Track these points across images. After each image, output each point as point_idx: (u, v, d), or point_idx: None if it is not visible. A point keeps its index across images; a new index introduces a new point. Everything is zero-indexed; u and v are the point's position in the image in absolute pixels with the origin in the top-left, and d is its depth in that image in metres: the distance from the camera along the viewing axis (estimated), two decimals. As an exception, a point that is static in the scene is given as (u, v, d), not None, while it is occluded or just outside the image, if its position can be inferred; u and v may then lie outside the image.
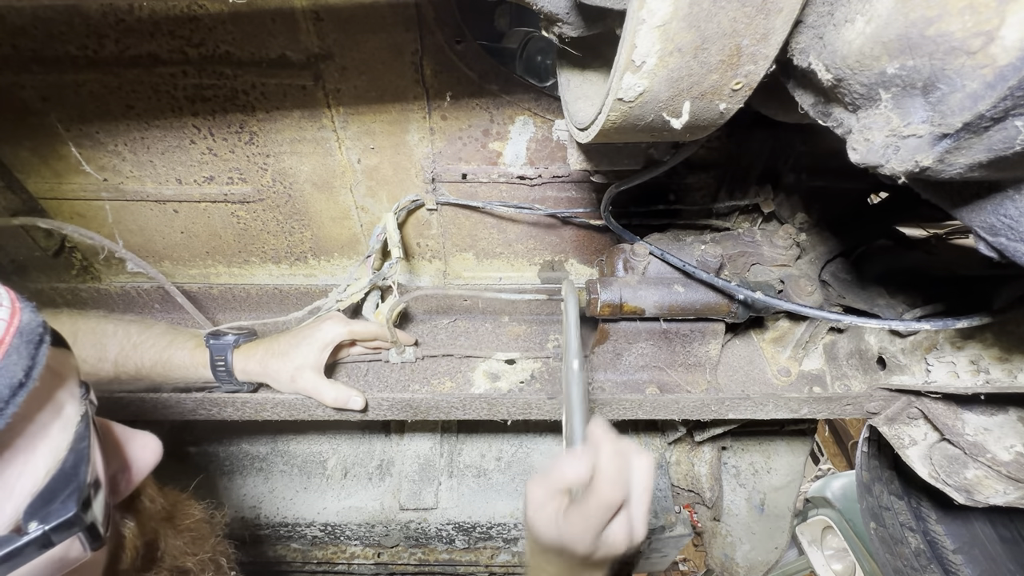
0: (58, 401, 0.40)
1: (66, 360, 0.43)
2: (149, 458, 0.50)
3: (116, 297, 1.09)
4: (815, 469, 3.77)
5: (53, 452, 0.39)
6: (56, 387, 0.40)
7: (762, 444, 1.55)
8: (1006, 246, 0.41)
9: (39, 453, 0.38)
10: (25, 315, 0.37)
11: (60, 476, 0.38)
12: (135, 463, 0.49)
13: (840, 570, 2.48)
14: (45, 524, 0.36)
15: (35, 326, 0.37)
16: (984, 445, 0.78)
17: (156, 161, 0.89)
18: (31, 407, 0.37)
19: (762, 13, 0.37)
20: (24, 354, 0.36)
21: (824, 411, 0.95)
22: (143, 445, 0.50)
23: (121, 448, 0.49)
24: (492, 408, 0.96)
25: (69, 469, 0.39)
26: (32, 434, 0.38)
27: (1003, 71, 0.30)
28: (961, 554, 1.07)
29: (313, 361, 0.86)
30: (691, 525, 1.39)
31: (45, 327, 0.38)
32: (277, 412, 0.93)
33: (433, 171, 0.92)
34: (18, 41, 0.75)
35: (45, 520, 0.36)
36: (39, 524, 0.36)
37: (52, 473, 0.38)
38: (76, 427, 0.41)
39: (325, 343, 0.87)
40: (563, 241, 1.05)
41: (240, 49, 0.76)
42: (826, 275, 0.94)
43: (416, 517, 1.29)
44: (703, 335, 0.92)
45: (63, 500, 0.37)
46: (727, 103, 0.45)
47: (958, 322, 0.64)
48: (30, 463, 0.37)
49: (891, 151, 0.38)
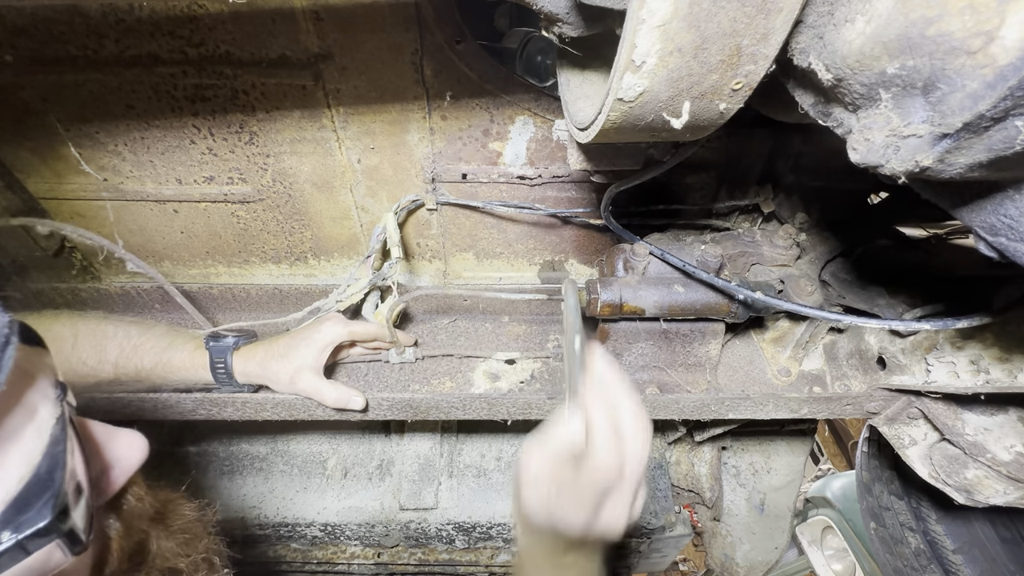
0: (30, 404, 0.38)
1: (39, 359, 0.41)
2: (134, 456, 0.49)
3: (116, 297, 1.09)
4: (815, 469, 3.77)
5: (26, 458, 0.37)
6: (26, 388, 0.38)
7: (762, 444, 1.55)
8: (1006, 246, 0.41)
9: (11, 460, 0.36)
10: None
11: (34, 482, 0.37)
12: (119, 463, 0.48)
13: (840, 570, 2.48)
14: (18, 534, 0.35)
15: (1, 325, 0.35)
16: (984, 445, 0.78)
17: (156, 161, 0.89)
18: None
19: (762, 13, 0.37)
20: None
21: (824, 411, 0.95)
22: (128, 444, 0.49)
23: (102, 449, 0.48)
24: (492, 408, 0.96)
25: (44, 475, 0.37)
26: (2, 440, 0.36)
27: (1003, 71, 0.30)
28: (961, 554, 1.07)
29: (312, 362, 0.86)
30: (691, 525, 1.39)
31: (12, 326, 0.36)
32: (277, 412, 0.93)
33: (433, 171, 0.92)
34: (18, 41, 0.75)
35: (18, 529, 0.35)
36: (12, 534, 0.35)
37: (25, 480, 0.36)
38: (51, 431, 0.39)
39: (324, 344, 0.87)
40: (563, 241, 1.05)
41: (240, 49, 0.76)
42: (826, 275, 0.94)
43: (416, 517, 1.29)
44: (703, 335, 0.92)
45: (38, 508, 0.36)
46: (727, 103, 0.45)
47: (958, 322, 0.64)
48: (1, 471, 0.36)
49: (891, 151, 0.38)
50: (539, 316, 1.12)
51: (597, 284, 0.85)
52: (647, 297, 0.84)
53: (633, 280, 0.86)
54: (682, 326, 0.91)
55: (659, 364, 0.94)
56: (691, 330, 0.92)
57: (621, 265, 0.89)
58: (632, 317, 0.87)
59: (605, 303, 0.84)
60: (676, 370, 0.94)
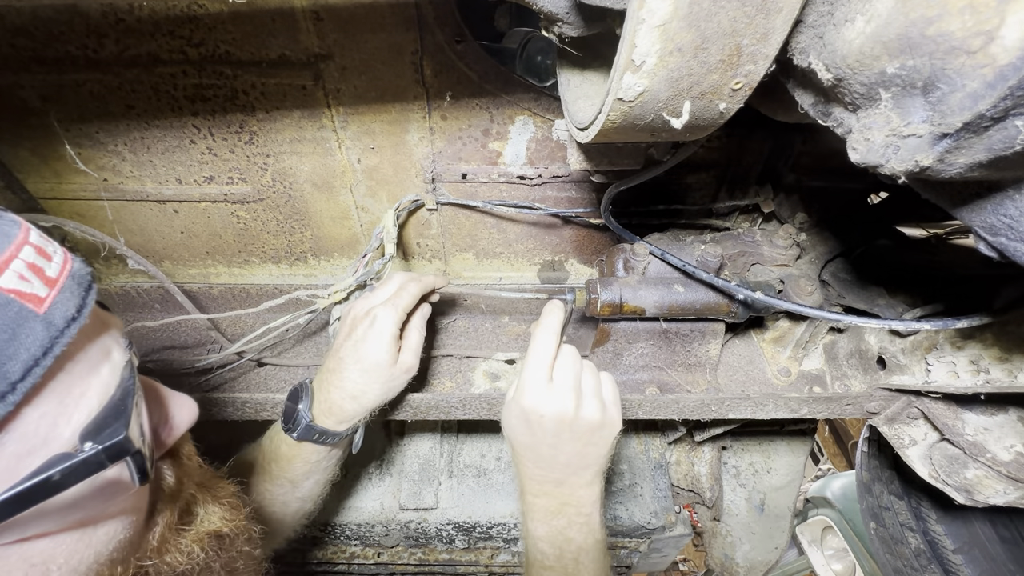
0: (105, 345, 0.45)
1: (111, 318, 0.48)
2: (187, 416, 0.54)
3: (116, 297, 1.09)
4: (815, 469, 3.77)
5: (104, 386, 0.43)
6: (103, 332, 0.45)
7: (762, 444, 1.56)
8: (1006, 246, 0.41)
9: (91, 385, 0.42)
10: (76, 263, 0.42)
11: (110, 407, 0.42)
12: (173, 419, 0.53)
13: (840, 570, 2.48)
14: (99, 444, 0.40)
15: (84, 273, 0.43)
16: (984, 445, 0.78)
17: (156, 161, 0.89)
18: (82, 341, 0.42)
19: (762, 13, 0.37)
20: (76, 293, 0.41)
21: (824, 411, 0.95)
22: (181, 404, 0.54)
23: (164, 402, 0.53)
24: (492, 408, 0.96)
25: (118, 402, 0.43)
26: (85, 365, 0.42)
27: (1003, 71, 0.30)
28: (961, 554, 1.07)
29: (382, 390, 0.79)
30: (691, 525, 1.39)
31: (93, 276, 0.44)
32: (277, 412, 0.93)
33: (433, 171, 0.92)
34: (18, 41, 0.75)
35: (99, 441, 0.40)
36: (93, 444, 0.40)
37: (103, 404, 0.42)
38: (122, 371, 0.45)
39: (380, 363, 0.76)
40: (563, 241, 1.05)
41: (240, 49, 0.76)
42: (826, 275, 0.94)
43: (416, 517, 1.29)
44: (703, 335, 0.92)
45: (115, 427, 0.41)
46: (727, 103, 0.45)
47: (958, 322, 0.64)
48: (85, 394, 0.41)
49: (891, 151, 0.38)
50: (539, 316, 1.12)
51: (597, 284, 0.85)
52: (647, 297, 0.84)
53: (633, 280, 0.86)
54: (682, 326, 0.91)
55: (659, 364, 0.94)
56: (691, 330, 0.92)
57: (621, 265, 0.89)
58: (632, 317, 0.87)
59: (605, 303, 0.84)
60: (676, 370, 0.94)
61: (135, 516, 0.48)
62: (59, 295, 0.39)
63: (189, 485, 0.55)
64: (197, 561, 0.53)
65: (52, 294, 0.38)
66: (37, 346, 0.37)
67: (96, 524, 0.44)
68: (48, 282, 0.38)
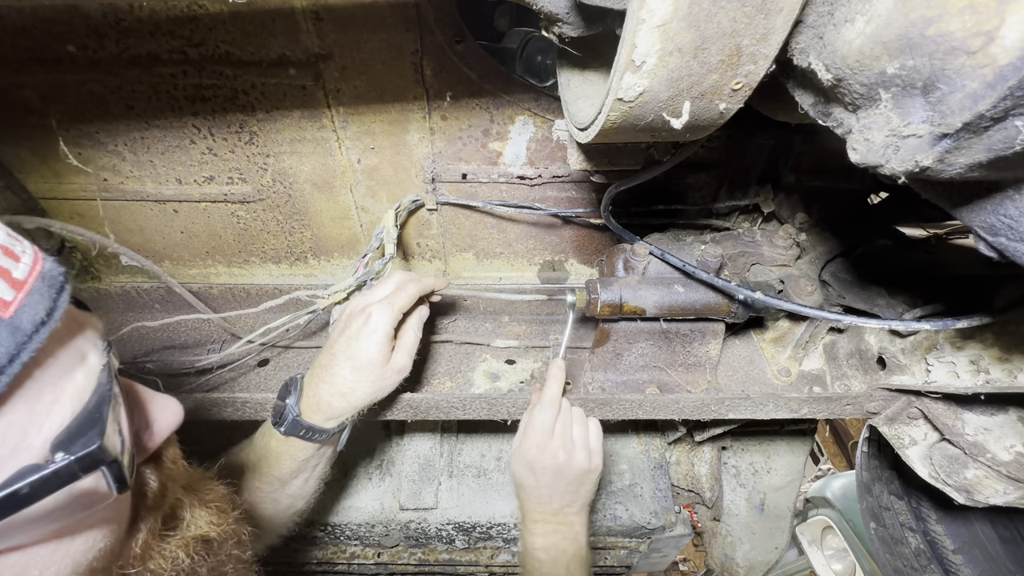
0: (80, 348, 0.43)
1: (88, 318, 0.46)
2: (170, 419, 0.52)
3: (116, 297, 1.09)
4: (815, 469, 3.77)
5: (78, 393, 0.41)
6: (77, 335, 0.43)
7: (762, 444, 1.56)
8: (1006, 246, 0.41)
9: (64, 392, 0.40)
10: (47, 264, 0.40)
11: (84, 416, 0.40)
12: (156, 423, 0.51)
13: (840, 570, 2.48)
14: (71, 455, 0.38)
15: (56, 274, 0.40)
16: (984, 445, 0.78)
17: (156, 161, 0.89)
18: (53, 346, 0.40)
19: (762, 13, 0.37)
20: (46, 296, 0.38)
21: (824, 411, 0.95)
22: (165, 406, 0.52)
23: (144, 406, 0.51)
24: (492, 408, 0.96)
25: (93, 410, 0.41)
26: (57, 370, 0.40)
27: (1003, 71, 0.30)
28: (961, 554, 1.07)
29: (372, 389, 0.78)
30: (691, 525, 1.39)
31: (66, 276, 0.41)
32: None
33: (433, 171, 0.92)
34: (18, 41, 0.75)
35: (71, 452, 0.38)
36: (65, 455, 0.38)
37: (77, 412, 0.40)
38: (99, 375, 0.43)
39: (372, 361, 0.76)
40: (563, 241, 1.05)
41: (240, 49, 0.76)
42: (826, 275, 0.94)
43: (416, 517, 1.29)
44: (703, 335, 0.92)
45: (89, 437, 0.39)
46: (727, 103, 0.45)
47: (958, 322, 0.64)
48: (57, 400, 0.39)
49: (891, 151, 0.38)
50: (539, 316, 1.12)
51: (597, 284, 0.85)
52: (647, 297, 0.84)
53: (633, 280, 0.86)
54: (682, 326, 0.91)
55: (659, 364, 0.94)
56: (691, 330, 0.92)
57: (621, 265, 0.89)
58: (632, 317, 0.87)
59: (605, 303, 0.84)
60: (676, 370, 0.94)
61: (115, 524, 0.46)
62: (27, 298, 0.37)
63: (174, 489, 0.54)
64: (182, 567, 0.51)
65: (19, 297, 0.37)
66: (2, 353, 0.35)
67: (73, 535, 0.42)
68: (15, 284, 0.37)
